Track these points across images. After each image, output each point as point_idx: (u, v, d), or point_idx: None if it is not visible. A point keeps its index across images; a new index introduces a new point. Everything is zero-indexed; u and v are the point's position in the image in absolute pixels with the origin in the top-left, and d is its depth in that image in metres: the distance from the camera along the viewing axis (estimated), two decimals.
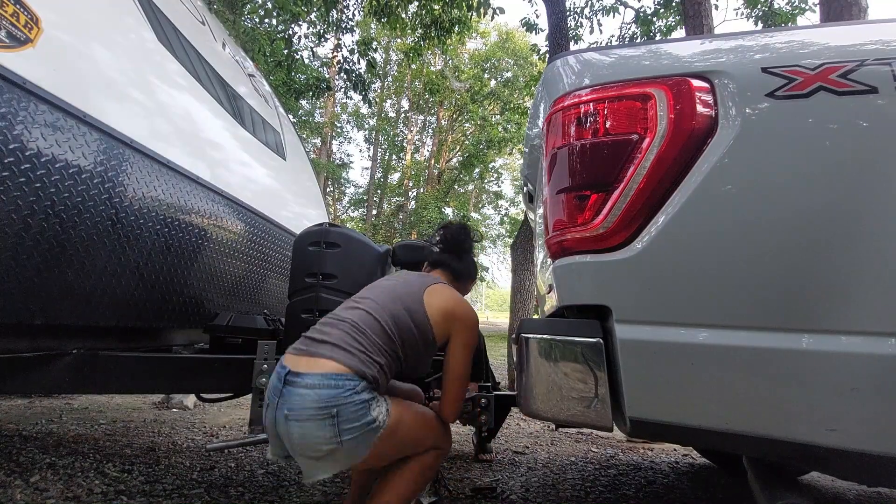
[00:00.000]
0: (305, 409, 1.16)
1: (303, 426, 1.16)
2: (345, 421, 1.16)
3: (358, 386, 1.20)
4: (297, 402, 1.17)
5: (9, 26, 1.19)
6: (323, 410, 1.15)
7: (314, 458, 1.17)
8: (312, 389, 1.17)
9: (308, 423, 1.15)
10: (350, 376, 1.21)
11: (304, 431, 1.15)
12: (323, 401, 1.16)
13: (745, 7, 7.45)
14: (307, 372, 1.20)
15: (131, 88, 1.69)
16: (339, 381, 1.20)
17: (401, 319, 1.34)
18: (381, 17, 7.16)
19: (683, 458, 2.76)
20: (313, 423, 1.15)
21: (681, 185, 0.94)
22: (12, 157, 1.21)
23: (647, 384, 0.92)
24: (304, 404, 1.16)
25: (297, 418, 1.16)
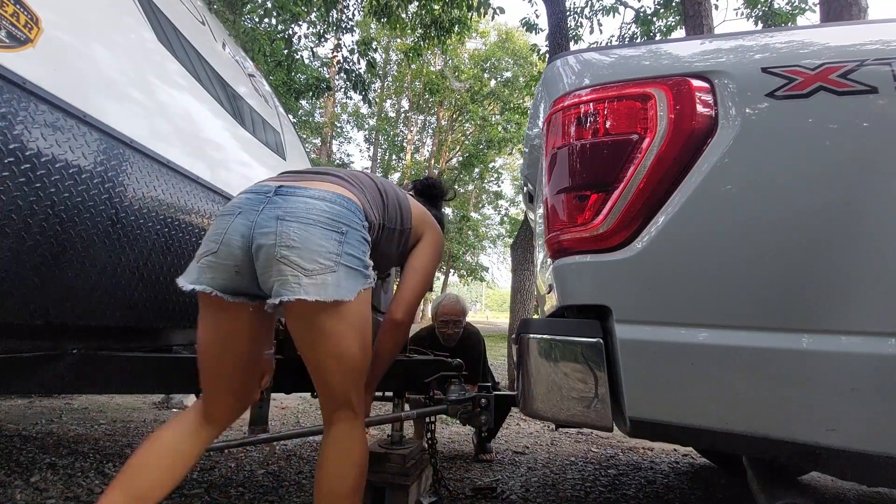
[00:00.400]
0: (314, 213, 1.03)
1: (307, 229, 1.01)
2: (349, 244, 1.05)
3: (364, 223, 1.11)
4: (303, 207, 1.03)
5: (9, 26, 1.19)
6: (334, 222, 1.04)
7: (297, 270, 0.99)
8: (323, 201, 1.05)
9: (314, 227, 1.02)
10: (359, 209, 1.11)
11: (308, 235, 1.01)
12: (335, 215, 1.05)
13: (745, 7, 7.45)
14: (312, 187, 1.08)
15: (131, 88, 1.69)
16: (351, 206, 1.09)
17: (390, 192, 1.30)
18: (380, 17, 7.16)
19: (683, 458, 2.76)
20: (320, 229, 1.02)
21: (681, 185, 0.94)
22: (12, 157, 1.21)
23: (647, 384, 0.92)
24: (313, 210, 1.03)
25: (302, 220, 1.02)
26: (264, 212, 1.03)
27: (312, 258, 1.00)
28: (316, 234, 1.01)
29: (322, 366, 1.10)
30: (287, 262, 0.99)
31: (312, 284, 1.00)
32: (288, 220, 1.01)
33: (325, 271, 1.01)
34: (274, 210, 1.03)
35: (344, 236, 1.04)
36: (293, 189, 1.07)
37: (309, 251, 1.00)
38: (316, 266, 1.00)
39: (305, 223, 1.01)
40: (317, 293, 1.00)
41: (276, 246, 0.99)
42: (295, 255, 0.99)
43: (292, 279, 0.99)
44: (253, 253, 1.03)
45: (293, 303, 0.99)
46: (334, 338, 1.07)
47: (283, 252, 0.99)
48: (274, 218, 1.01)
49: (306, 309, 1.02)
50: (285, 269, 0.99)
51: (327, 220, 1.03)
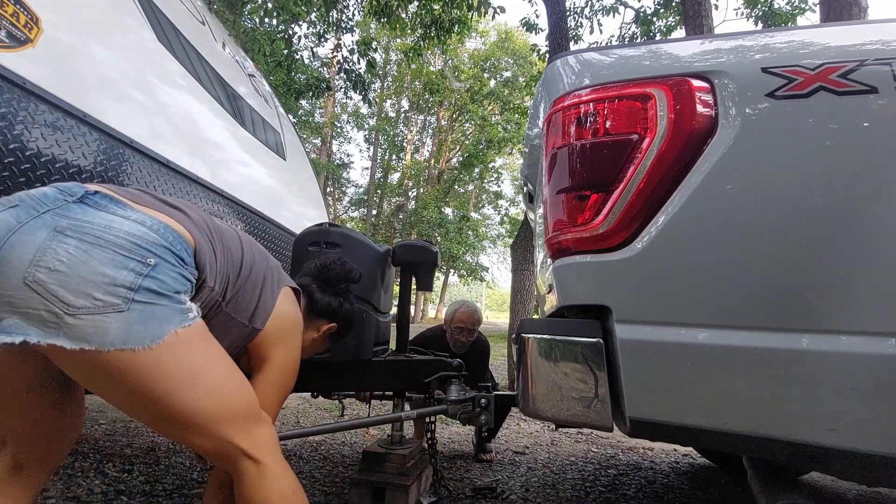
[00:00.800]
0: (111, 232, 0.78)
1: (88, 251, 0.74)
2: (152, 279, 0.79)
3: (190, 267, 0.88)
4: (99, 222, 0.78)
5: (9, 26, 1.19)
6: (138, 249, 0.79)
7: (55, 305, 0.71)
8: (135, 223, 0.81)
9: (100, 250, 0.75)
10: (186, 246, 0.88)
11: (85, 257, 0.74)
12: (145, 241, 0.80)
13: (745, 7, 7.45)
14: (136, 207, 0.86)
15: (131, 88, 1.69)
16: (175, 239, 0.86)
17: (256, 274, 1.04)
18: (380, 17, 7.16)
19: (683, 458, 2.76)
20: (109, 253, 0.76)
21: (681, 185, 0.94)
22: (12, 157, 1.21)
23: (647, 384, 0.92)
24: (111, 229, 0.78)
25: (86, 238, 0.75)
26: (44, 216, 0.76)
27: (82, 290, 0.72)
28: (99, 259, 0.75)
29: (155, 425, 0.86)
30: (41, 290, 0.71)
31: (79, 326, 0.72)
32: (68, 234, 0.75)
33: (102, 310, 0.73)
34: (59, 219, 0.76)
35: (148, 268, 0.79)
36: (108, 202, 0.83)
37: (79, 279, 0.72)
38: (85, 303, 0.72)
39: (89, 242, 0.75)
40: (83, 339, 0.72)
41: (31, 265, 0.71)
42: (55, 283, 0.71)
43: (46, 316, 0.71)
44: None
45: (45, 349, 0.73)
46: (145, 400, 0.80)
47: (37, 275, 0.71)
48: (50, 228, 0.74)
49: (78, 360, 0.75)
50: (36, 301, 0.71)
51: (127, 244, 0.78)
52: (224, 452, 0.88)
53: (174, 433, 0.86)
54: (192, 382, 0.84)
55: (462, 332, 2.66)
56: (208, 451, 0.89)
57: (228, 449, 0.88)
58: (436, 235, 18.56)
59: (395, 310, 2.33)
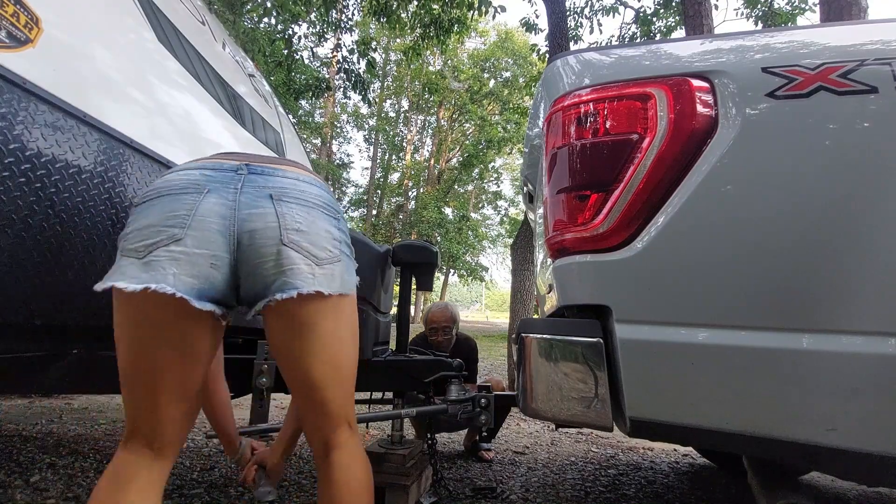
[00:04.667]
0: (308, 196, 0.87)
1: (310, 212, 0.86)
2: (344, 233, 0.92)
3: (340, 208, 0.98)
4: (293, 187, 0.87)
5: (9, 26, 1.19)
6: (329, 206, 0.90)
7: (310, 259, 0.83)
8: (309, 185, 0.89)
9: (315, 210, 0.87)
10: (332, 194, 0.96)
11: (312, 218, 0.86)
12: (327, 199, 0.91)
13: (745, 7, 7.44)
14: (285, 169, 0.91)
15: (131, 88, 1.69)
16: (329, 191, 0.94)
17: None
18: (380, 17, 7.15)
19: (683, 458, 2.76)
20: (320, 213, 0.88)
21: (681, 184, 0.94)
22: (12, 158, 1.21)
23: (648, 384, 0.92)
24: (306, 192, 0.87)
25: (301, 202, 0.86)
26: (246, 190, 0.84)
27: (322, 244, 0.85)
28: (320, 219, 0.87)
29: (320, 379, 0.92)
30: (298, 248, 0.83)
31: (324, 275, 0.85)
32: (286, 200, 0.84)
33: (333, 260, 0.87)
34: (260, 189, 0.84)
35: (339, 223, 0.92)
36: (265, 170, 0.89)
37: (317, 236, 0.85)
38: (325, 254, 0.86)
39: (306, 206, 0.86)
40: (328, 285, 0.85)
41: (282, 229, 0.82)
42: (305, 241, 0.83)
43: (307, 269, 0.83)
44: (237, 239, 0.82)
45: (304, 298, 0.83)
46: (335, 341, 0.92)
47: (291, 237, 0.82)
48: (266, 197, 0.83)
49: (313, 306, 0.86)
50: (296, 258, 0.82)
51: (323, 204, 0.89)
52: (344, 415, 0.96)
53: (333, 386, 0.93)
54: (356, 334, 0.99)
55: (437, 332, 2.61)
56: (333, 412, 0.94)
57: (348, 410, 0.97)
58: (436, 235, 18.56)
59: (395, 310, 2.33)
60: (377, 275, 1.82)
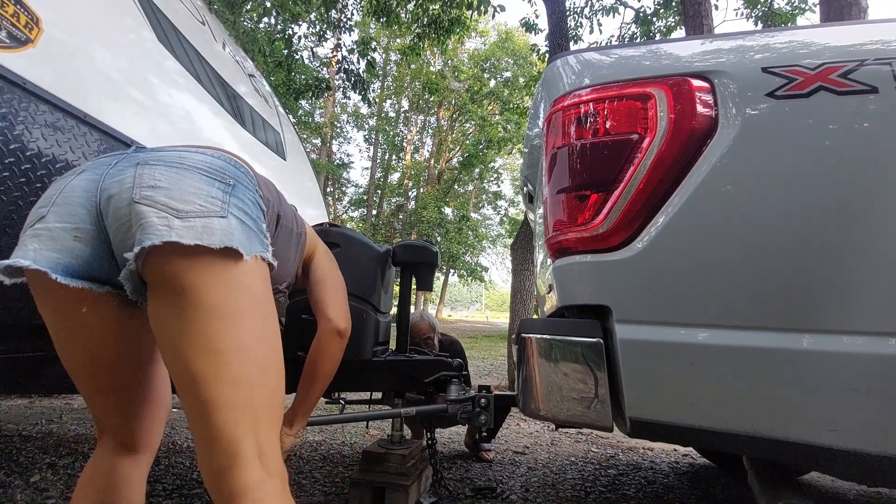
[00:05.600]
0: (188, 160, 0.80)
1: (179, 172, 0.77)
2: (238, 198, 0.80)
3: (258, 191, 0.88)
4: (173, 155, 0.81)
5: (9, 27, 1.19)
6: (217, 171, 0.81)
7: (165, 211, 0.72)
8: (199, 153, 0.83)
9: (189, 171, 0.78)
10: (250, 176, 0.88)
11: (179, 176, 0.77)
12: (218, 166, 0.82)
13: (745, 7, 7.44)
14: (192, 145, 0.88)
15: (132, 89, 1.69)
16: (239, 167, 0.87)
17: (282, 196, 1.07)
18: (379, 17, 7.16)
19: (683, 458, 2.76)
20: (197, 174, 0.78)
21: (681, 185, 0.94)
22: (13, 157, 1.21)
23: (648, 384, 0.92)
24: (187, 157, 0.81)
25: (171, 164, 0.78)
26: (118, 165, 0.79)
27: (186, 199, 0.74)
28: (191, 177, 0.77)
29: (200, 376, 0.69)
30: (150, 202, 0.73)
31: (188, 227, 0.72)
32: (152, 163, 0.78)
33: (206, 214, 0.74)
34: (131, 159, 0.80)
35: (231, 188, 0.80)
36: (160, 149, 0.85)
37: (181, 191, 0.75)
38: (193, 207, 0.74)
39: (176, 167, 0.78)
40: (196, 237, 0.71)
41: (134, 188, 0.74)
42: (162, 195, 0.73)
43: (158, 221, 0.71)
44: (101, 209, 0.76)
45: (160, 251, 0.70)
46: (223, 320, 0.71)
47: (144, 192, 0.74)
48: (132, 165, 0.78)
49: (178, 265, 0.71)
50: (148, 212, 0.72)
51: (207, 168, 0.80)
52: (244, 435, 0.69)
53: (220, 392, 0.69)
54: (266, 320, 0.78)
55: (425, 343, 2.57)
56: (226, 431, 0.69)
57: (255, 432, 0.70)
58: (436, 235, 18.56)
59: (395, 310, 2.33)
60: (377, 275, 1.82)
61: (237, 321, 0.73)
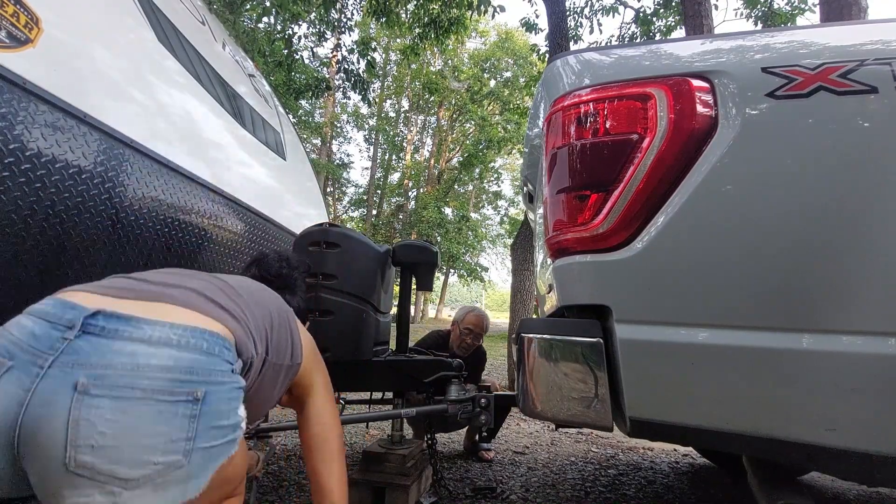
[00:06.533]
0: (144, 376, 0.64)
1: (128, 409, 0.61)
2: (208, 416, 0.68)
3: (235, 364, 0.76)
4: (126, 364, 0.63)
5: (9, 26, 1.19)
6: (182, 385, 0.66)
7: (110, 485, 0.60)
8: (166, 347, 0.67)
9: (143, 404, 0.62)
10: (226, 345, 0.75)
11: (129, 421, 0.61)
12: (184, 370, 0.67)
13: (745, 7, 7.44)
14: (152, 318, 0.69)
15: (131, 88, 1.69)
16: (213, 344, 0.72)
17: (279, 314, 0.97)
18: (379, 17, 7.16)
19: (683, 458, 2.76)
20: (153, 405, 0.63)
21: (681, 184, 0.94)
22: (12, 157, 1.21)
23: (647, 384, 0.92)
24: (144, 370, 0.64)
25: (119, 394, 0.61)
26: (52, 373, 0.61)
27: (139, 458, 0.61)
28: (147, 417, 0.62)
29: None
30: (90, 472, 0.59)
31: (139, 496, 0.61)
32: (94, 393, 0.61)
33: (165, 471, 0.63)
34: (70, 370, 0.61)
35: (199, 405, 0.67)
36: (116, 323, 0.67)
37: (132, 449, 0.61)
38: (148, 470, 0.61)
39: (128, 398, 0.62)
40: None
41: (68, 446, 0.58)
42: (105, 462, 0.59)
43: (102, 499, 0.60)
44: (19, 449, 0.60)
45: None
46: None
47: (82, 458, 0.59)
48: (68, 387, 0.60)
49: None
50: (87, 486, 0.59)
51: (168, 385, 0.65)
52: None
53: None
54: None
55: (470, 335, 2.70)
56: None
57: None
58: (436, 235, 18.55)
59: (395, 310, 2.33)
60: (377, 275, 1.82)
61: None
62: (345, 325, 1.65)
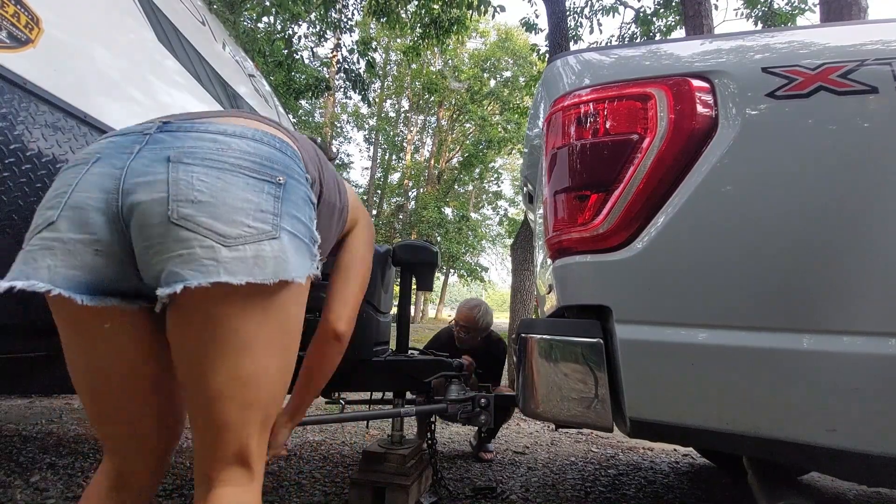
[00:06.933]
0: (230, 154, 0.68)
1: (221, 176, 0.66)
2: (290, 202, 0.71)
3: (306, 176, 0.77)
4: (210, 146, 0.68)
5: (10, 27, 1.20)
6: (265, 167, 0.69)
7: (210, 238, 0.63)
8: (243, 139, 0.70)
9: (233, 174, 0.66)
10: (297, 156, 0.77)
11: (222, 183, 0.65)
12: (265, 157, 0.70)
13: (745, 7, 7.44)
14: (222, 122, 0.73)
15: (132, 89, 1.69)
16: (287, 149, 0.75)
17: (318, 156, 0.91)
18: (380, 17, 7.16)
19: (683, 458, 2.77)
20: (242, 177, 0.67)
21: (681, 185, 0.94)
22: (13, 158, 1.21)
23: (648, 385, 0.92)
24: (228, 149, 0.68)
25: (211, 163, 0.66)
26: (142, 154, 0.66)
27: (233, 218, 0.64)
28: (236, 184, 0.66)
29: (220, 393, 0.68)
30: (190, 224, 0.62)
31: (237, 259, 0.63)
32: (187, 161, 0.65)
33: (257, 238, 0.65)
34: (159, 150, 0.67)
35: (281, 189, 0.70)
36: (189, 124, 0.71)
37: (226, 208, 0.64)
38: (241, 230, 0.64)
39: (218, 167, 0.66)
40: (248, 272, 0.64)
41: (169, 201, 0.63)
42: (204, 215, 0.63)
43: (202, 253, 0.62)
44: (124, 217, 0.64)
45: (206, 290, 0.63)
46: (252, 349, 0.69)
47: (182, 210, 0.63)
48: (161, 160, 0.65)
49: (219, 301, 0.65)
50: (190, 239, 0.62)
51: (252, 165, 0.69)
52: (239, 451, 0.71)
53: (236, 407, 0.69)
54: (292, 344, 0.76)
55: (462, 329, 2.64)
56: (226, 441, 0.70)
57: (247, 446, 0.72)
58: (436, 235, 18.56)
59: (395, 310, 2.33)
60: (377, 275, 1.82)
61: (266, 352, 0.70)
62: None
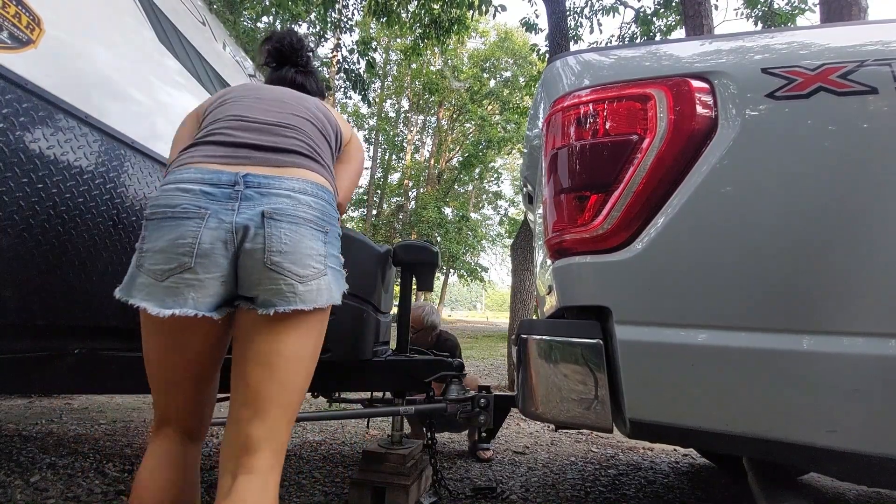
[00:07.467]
0: (302, 211, 0.91)
1: (298, 230, 0.90)
2: (332, 245, 0.97)
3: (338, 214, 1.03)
4: (287, 204, 0.90)
5: (11, 27, 1.20)
6: (321, 221, 0.94)
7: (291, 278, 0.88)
8: (305, 195, 0.93)
9: (305, 228, 0.91)
10: (333, 197, 1.02)
11: (298, 237, 0.90)
12: (321, 212, 0.95)
13: (745, 7, 7.44)
14: (289, 176, 0.94)
15: (132, 89, 1.69)
16: (330, 197, 0.99)
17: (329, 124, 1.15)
18: (380, 17, 7.16)
19: (683, 458, 2.77)
20: (309, 229, 0.92)
21: (681, 185, 0.94)
22: (15, 158, 1.22)
23: (647, 385, 0.92)
24: (301, 206, 0.92)
25: (291, 219, 0.90)
26: (242, 212, 0.88)
27: (305, 263, 0.90)
28: (306, 235, 0.91)
29: (264, 393, 0.89)
30: (279, 269, 0.88)
31: (307, 292, 0.90)
32: (277, 218, 0.88)
33: (317, 275, 0.91)
34: (253, 206, 0.89)
35: (327, 236, 0.95)
36: (264, 180, 0.92)
37: (300, 256, 0.89)
38: (309, 271, 0.90)
39: (295, 223, 0.90)
40: (313, 300, 0.90)
41: (266, 251, 0.87)
42: (287, 262, 0.88)
43: (286, 288, 0.88)
44: (238, 257, 0.89)
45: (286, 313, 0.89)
46: (295, 360, 0.91)
47: (274, 258, 0.87)
48: (258, 215, 0.88)
49: (287, 320, 0.90)
50: (278, 279, 0.87)
51: (315, 219, 0.93)
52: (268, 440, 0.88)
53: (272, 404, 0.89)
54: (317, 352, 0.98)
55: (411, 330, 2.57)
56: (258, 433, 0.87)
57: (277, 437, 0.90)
58: (436, 235, 18.55)
59: (395, 310, 2.33)
60: (377, 275, 1.82)
61: (303, 362, 0.93)
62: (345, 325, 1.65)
